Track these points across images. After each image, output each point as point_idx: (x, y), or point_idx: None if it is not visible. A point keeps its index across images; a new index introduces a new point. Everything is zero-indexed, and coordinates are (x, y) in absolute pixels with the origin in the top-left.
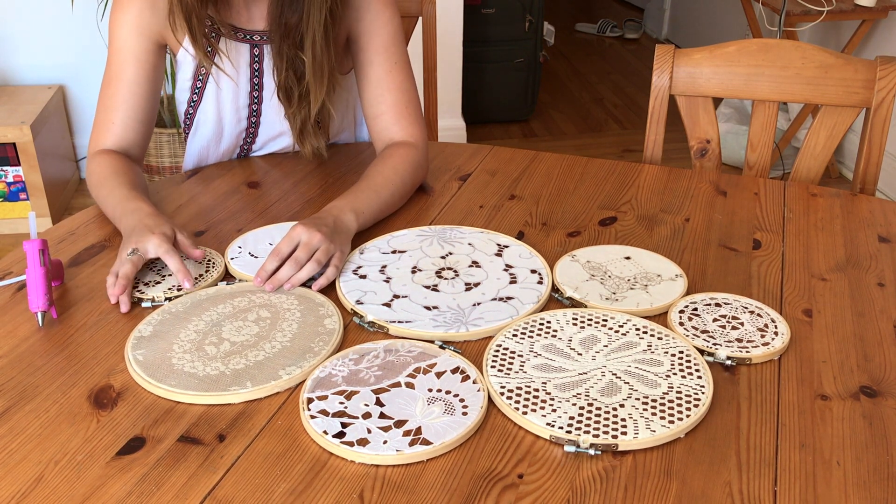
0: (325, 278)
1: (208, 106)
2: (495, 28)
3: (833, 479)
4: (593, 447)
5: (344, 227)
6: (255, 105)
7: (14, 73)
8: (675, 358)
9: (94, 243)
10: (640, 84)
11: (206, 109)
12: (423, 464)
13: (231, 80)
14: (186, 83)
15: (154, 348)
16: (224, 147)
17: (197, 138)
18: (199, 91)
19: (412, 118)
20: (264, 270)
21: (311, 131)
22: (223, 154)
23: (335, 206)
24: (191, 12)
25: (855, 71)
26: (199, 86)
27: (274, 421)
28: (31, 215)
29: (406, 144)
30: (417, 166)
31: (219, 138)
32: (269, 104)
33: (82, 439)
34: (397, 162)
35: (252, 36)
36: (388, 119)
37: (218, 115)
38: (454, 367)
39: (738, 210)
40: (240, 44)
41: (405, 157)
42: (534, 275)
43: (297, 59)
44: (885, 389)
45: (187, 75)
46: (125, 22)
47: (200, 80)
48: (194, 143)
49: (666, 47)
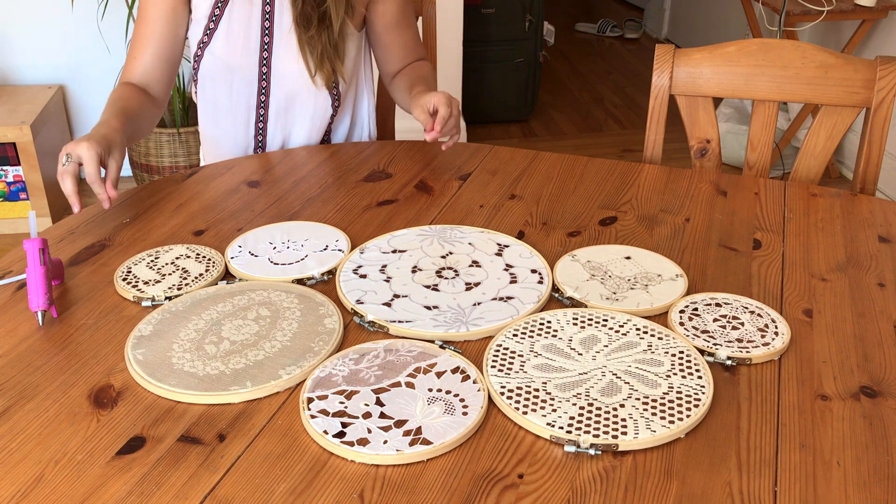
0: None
1: (217, 45)
2: (495, 28)
3: (833, 479)
4: (593, 447)
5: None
6: (266, 52)
7: (14, 73)
8: (675, 358)
9: (93, 242)
10: (640, 84)
11: (214, 48)
12: (424, 464)
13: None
14: (199, 25)
15: (154, 348)
16: (235, 96)
17: (206, 87)
18: (210, 32)
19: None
20: (440, 117)
21: (330, 54)
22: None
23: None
24: None
25: (855, 71)
26: (211, 26)
27: (274, 421)
28: (31, 214)
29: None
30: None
31: (229, 84)
32: (280, 45)
33: (82, 439)
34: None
35: None
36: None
37: (226, 56)
38: (454, 366)
39: (739, 210)
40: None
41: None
42: (534, 274)
43: None
44: (885, 389)
45: (201, 14)
46: None
47: (213, 20)
48: (203, 92)
49: (666, 47)
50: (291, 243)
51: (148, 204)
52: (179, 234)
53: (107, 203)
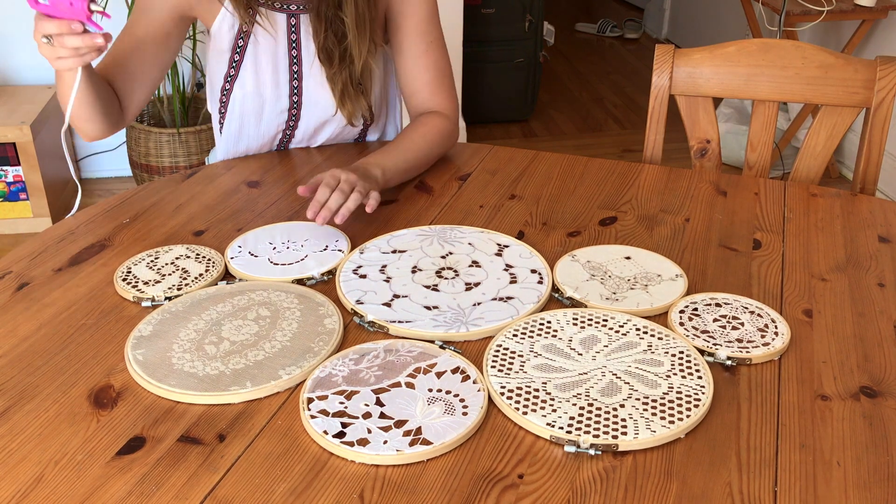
0: (374, 199)
1: (247, 77)
2: (495, 28)
3: (833, 479)
4: (593, 447)
5: (371, 177)
6: (296, 82)
7: (14, 73)
8: (675, 358)
9: (93, 243)
10: (640, 84)
11: (244, 82)
12: (424, 464)
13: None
14: (223, 56)
15: (154, 348)
16: (264, 127)
17: (234, 118)
18: (236, 64)
19: (446, 93)
20: (317, 201)
21: (352, 93)
22: (263, 135)
23: (363, 161)
24: None
25: (855, 71)
26: (236, 59)
27: (274, 421)
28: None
29: (437, 114)
30: (446, 135)
31: (259, 115)
32: (310, 74)
33: (82, 439)
34: (427, 129)
35: (289, 6)
36: (425, 95)
37: (257, 88)
38: (454, 367)
39: (738, 210)
40: (277, 14)
41: (435, 125)
42: (534, 275)
43: (337, 20)
44: (885, 389)
45: (223, 46)
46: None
47: (238, 52)
48: (230, 124)
49: (666, 47)
50: (291, 243)
51: (148, 204)
52: (179, 235)
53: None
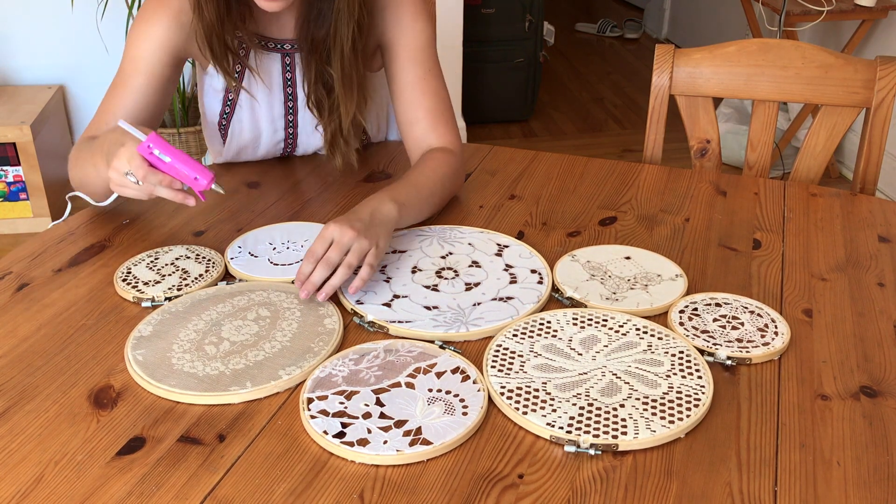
0: (359, 279)
1: (243, 117)
2: (495, 28)
3: (833, 479)
4: (593, 447)
5: (382, 218)
6: (291, 115)
7: (14, 73)
8: (675, 358)
9: (93, 243)
10: (640, 84)
11: (240, 120)
12: (424, 464)
13: (266, 80)
14: (218, 95)
15: (154, 348)
16: (262, 153)
17: (231, 148)
18: (231, 103)
19: (448, 125)
20: (301, 273)
21: (341, 143)
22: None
23: (374, 197)
24: (211, 33)
25: (855, 71)
26: (230, 97)
27: (274, 421)
28: (121, 123)
29: (444, 150)
30: (456, 172)
31: (255, 146)
32: (305, 112)
33: (82, 439)
34: (437, 165)
35: (283, 45)
36: (424, 126)
37: (254, 126)
38: (454, 367)
39: (738, 210)
40: (270, 54)
41: (444, 161)
42: (534, 275)
43: (326, 73)
44: (885, 389)
45: (218, 87)
46: (148, 36)
47: (233, 91)
48: (227, 152)
49: (666, 47)
50: (291, 244)
51: (148, 204)
52: (179, 235)
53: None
